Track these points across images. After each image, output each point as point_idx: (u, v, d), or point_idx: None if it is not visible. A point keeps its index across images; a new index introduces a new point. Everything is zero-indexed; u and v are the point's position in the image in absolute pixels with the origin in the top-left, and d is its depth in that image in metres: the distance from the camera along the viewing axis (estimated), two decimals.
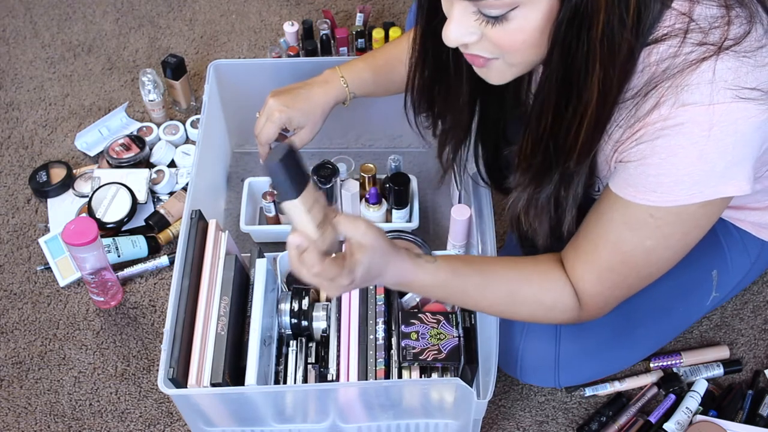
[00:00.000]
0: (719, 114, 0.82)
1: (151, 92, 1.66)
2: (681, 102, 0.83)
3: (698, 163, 0.85)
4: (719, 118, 0.83)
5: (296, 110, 1.25)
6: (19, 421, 1.30)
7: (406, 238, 1.32)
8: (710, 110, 0.82)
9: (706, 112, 0.83)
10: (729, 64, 0.83)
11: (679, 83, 0.84)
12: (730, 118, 0.83)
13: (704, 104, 0.83)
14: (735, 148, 0.84)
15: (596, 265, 0.97)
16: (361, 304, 1.18)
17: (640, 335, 1.20)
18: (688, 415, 1.25)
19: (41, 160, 1.65)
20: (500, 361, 1.17)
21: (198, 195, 1.27)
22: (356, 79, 1.28)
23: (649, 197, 0.89)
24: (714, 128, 0.83)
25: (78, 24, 1.93)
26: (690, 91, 0.83)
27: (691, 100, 0.83)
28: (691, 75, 0.83)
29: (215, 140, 1.51)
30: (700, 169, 0.85)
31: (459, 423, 1.15)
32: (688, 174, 0.86)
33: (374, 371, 1.12)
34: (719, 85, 0.83)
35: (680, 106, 0.83)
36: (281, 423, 1.15)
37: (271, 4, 1.96)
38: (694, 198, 0.87)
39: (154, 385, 1.33)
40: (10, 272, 1.48)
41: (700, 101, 0.83)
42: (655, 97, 0.85)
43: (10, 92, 1.78)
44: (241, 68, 1.48)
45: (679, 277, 1.09)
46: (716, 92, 0.82)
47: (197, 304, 1.14)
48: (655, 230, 0.91)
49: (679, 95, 0.84)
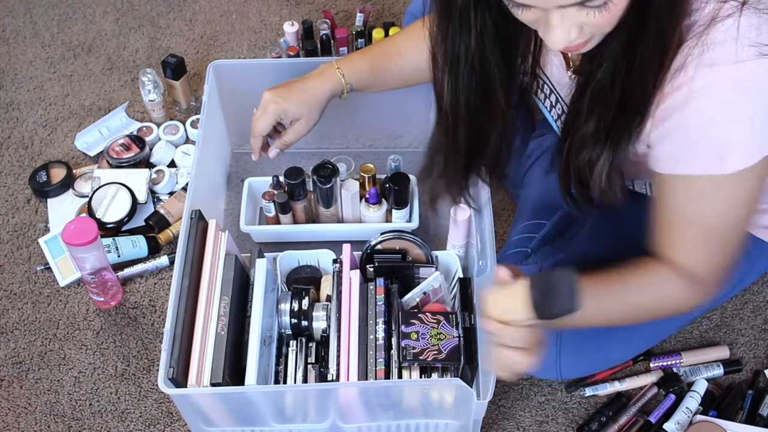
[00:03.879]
0: (746, 71, 0.83)
1: (151, 92, 1.66)
2: (708, 61, 0.84)
3: (738, 122, 0.86)
4: (746, 74, 0.83)
5: (291, 102, 1.25)
6: (19, 421, 1.30)
7: (406, 238, 1.32)
8: (738, 67, 0.83)
9: (734, 70, 0.83)
10: (752, 21, 0.84)
11: (705, 41, 0.84)
12: (756, 74, 0.83)
13: (731, 62, 0.83)
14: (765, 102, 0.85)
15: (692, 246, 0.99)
16: (361, 304, 1.18)
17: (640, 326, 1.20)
18: (688, 415, 1.25)
19: (41, 160, 1.65)
20: None
21: (198, 195, 1.27)
22: (352, 70, 1.28)
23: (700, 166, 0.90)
24: (742, 85, 0.84)
25: (78, 24, 1.93)
26: (716, 49, 0.84)
27: (719, 60, 0.84)
28: (716, 32, 0.84)
29: (215, 140, 1.51)
30: (742, 128, 0.86)
31: (459, 423, 1.15)
32: (733, 132, 0.87)
33: (374, 371, 1.12)
34: (744, 42, 0.83)
35: (707, 65, 0.84)
36: (281, 423, 1.15)
37: (271, 4, 1.96)
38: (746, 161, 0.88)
39: (154, 385, 1.33)
40: (10, 272, 1.48)
41: (727, 60, 0.83)
42: (683, 55, 0.86)
43: (10, 92, 1.78)
44: (241, 68, 1.48)
45: None
46: (741, 49, 0.83)
47: (197, 304, 1.14)
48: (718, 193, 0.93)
49: (704, 54, 0.84)
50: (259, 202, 1.50)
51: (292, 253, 1.36)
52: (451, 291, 1.30)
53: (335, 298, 1.20)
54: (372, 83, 1.31)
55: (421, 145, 1.62)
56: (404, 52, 1.29)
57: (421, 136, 1.61)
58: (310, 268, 1.38)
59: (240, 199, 1.49)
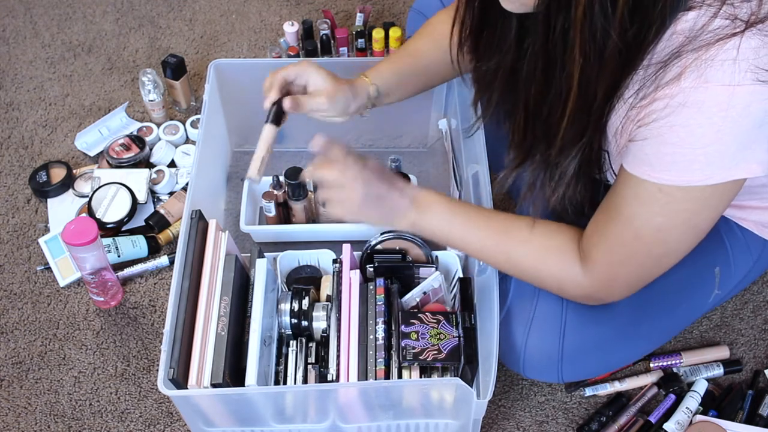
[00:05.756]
0: (739, 96, 0.83)
1: (151, 92, 1.66)
2: (705, 78, 0.83)
3: (714, 144, 0.85)
4: (739, 99, 0.83)
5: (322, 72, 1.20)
6: (19, 421, 1.30)
7: (406, 238, 1.32)
8: (731, 91, 0.82)
9: (727, 93, 0.83)
10: (753, 43, 0.83)
11: (704, 56, 0.83)
12: (748, 101, 0.83)
13: (726, 84, 0.82)
14: (750, 131, 0.85)
15: (606, 238, 0.99)
16: (361, 304, 1.18)
17: (643, 331, 1.20)
18: (688, 415, 1.25)
19: (41, 160, 1.65)
20: (503, 357, 1.17)
21: (198, 195, 1.27)
22: (377, 72, 1.26)
23: (662, 176, 0.89)
24: (732, 109, 0.83)
25: (78, 24, 1.93)
26: (714, 67, 0.83)
27: (715, 78, 0.83)
28: (717, 50, 0.83)
29: (215, 140, 1.51)
30: (714, 150, 0.86)
31: (459, 423, 1.15)
32: (703, 154, 0.86)
33: (374, 371, 1.12)
34: (742, 65, 0.82)
35: (703, 81, 0.83)
36: (281, 423, 1.15)
37: (271, 4, 1.96)
38: (707, 180, 0.88)
39: (154, 385, 1.33)
40: (10, 272, 1.48)
41: (722, 80, 0.83)
42: (679, 66, 0.85)
43: (10, 92, 1.78)
44: (242, 68, 1.48)
45: (683, 273, 1.10)
46: (738, 73, 0.82)
47: (197, 304, 1.14)
48: (664, 206, 0.92)
49: (702, 69, 0.83)
50: (259, 202, 1.50)
51: (292, 253, 1.36)
52: (451, 291, 1.30)
53: (335, 298, 1.20)
54: (398, 84, 1.28)
55: (421, 145, 1.62)
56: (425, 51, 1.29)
57: (421, 136, 1.61)
58: (310, 268, 1.38)
59: (240, 199, 1.49)
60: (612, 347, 1.19)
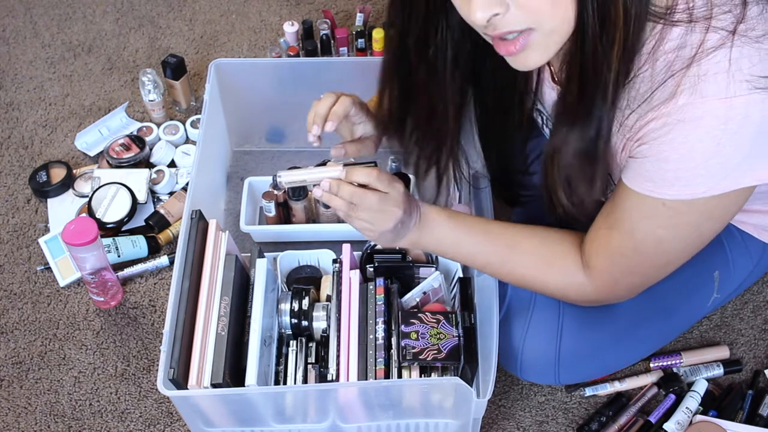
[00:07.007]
0: (737, 107, 0.82)
1: (151, 92, 1.66)
2: (700, 93, 0.83)
3: (716, 156, 0.85)
4: (736, 111, 0.82)
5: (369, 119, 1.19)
6: (19, 421, 1.30)
7: None
8: (728, 103, 0.82)
9: (724, 105, 0.82)
10: (744, 52, 0.83)
11: (697, 72, 0.83)
12: (746, 111, 0.82)
13: (722, 97, 0.82)
14: (751, 141, 0.84)
15: (607, 248, 0.99)
16: (360, 304, 1.18)
17: (641, 335, 1.20)
18: (688, 415, 1.25)
19: (41, 160, 1.65)
20: (501, 359, 1.17)
21: (198, 195, 1.27)
22: None
23: (666, 191, 0.89)
24: (731, 121, 0.83)
25: (78, 24, 1.93)
26: (708, 81, 0.83)
27: (710, 92, 0.82)
28: (708, 64, 0.83)
29: (215, 140, 1.51)
30: (716, 162, 0.85)
31: (459, 422, 1.15)
32: (705, 167, 0.86)
33: (374, 371, 1.12)
34: (736, 76, 0.82)
35: (699, 97, 0.83)
36: (281, 423, 1.15)
37: (271, 4, 1.96)
38: (711, 191, 0.88)
39: (154, 385, 1.33)
40: (10, 272, 1.48)
41: (717, 93, 0.82)
42: (673, 85, 0.85)
43: (10, 92, 1.78)
44: (242, 68, 1.48)
45: (681, 277, 1.10)
46: (733, 83, 0.82)
47: (197, 304, 1.14)
48: (667, 219, 0.92)
49: (696, 85, 0.83)
50: (259, 201, 1.50)
51: (292, 253, 1.36)
52: (451, 291, 1.30)
53: (335, 298, 1.20)
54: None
55: None
56: None
57: None
58: (310, 268, 1.38)
59: (240, 199, 1.49)
60: (609, 351, 1.19)
